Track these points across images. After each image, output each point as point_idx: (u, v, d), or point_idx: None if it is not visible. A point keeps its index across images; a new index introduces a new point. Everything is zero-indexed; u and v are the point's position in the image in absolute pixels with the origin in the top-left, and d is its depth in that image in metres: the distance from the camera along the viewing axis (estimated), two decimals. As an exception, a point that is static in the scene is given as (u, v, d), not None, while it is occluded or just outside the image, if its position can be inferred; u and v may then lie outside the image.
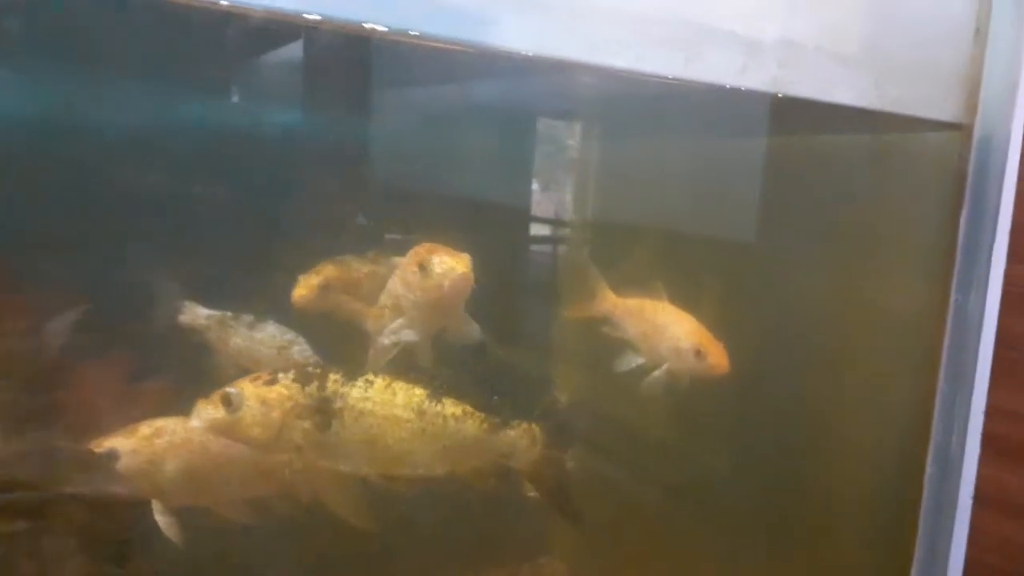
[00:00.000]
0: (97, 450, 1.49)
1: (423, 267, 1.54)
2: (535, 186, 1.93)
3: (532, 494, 1.69)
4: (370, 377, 1.38)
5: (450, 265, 1.50)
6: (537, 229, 1.94)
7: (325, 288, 1.91)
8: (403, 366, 1.47)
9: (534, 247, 1.95)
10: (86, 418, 1.49)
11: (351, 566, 2.16)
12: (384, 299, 1.68)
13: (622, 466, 1.79)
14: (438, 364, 1.53)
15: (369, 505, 1.59)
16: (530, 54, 1.19)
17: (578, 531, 1.58)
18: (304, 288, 1.90)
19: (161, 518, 1.54)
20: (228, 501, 1.59)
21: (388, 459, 1.38)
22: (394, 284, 1.66)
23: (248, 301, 1.78)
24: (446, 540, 2.27)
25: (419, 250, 1.57)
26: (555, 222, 1.99)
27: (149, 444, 1.49)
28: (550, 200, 1.95)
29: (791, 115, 1.53)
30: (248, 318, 1.79)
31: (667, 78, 1.32)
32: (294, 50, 1.84)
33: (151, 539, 1.56)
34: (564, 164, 1.98)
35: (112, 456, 1.46)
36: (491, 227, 1.76)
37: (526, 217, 1.89)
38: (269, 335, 1.78)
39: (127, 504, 1.55)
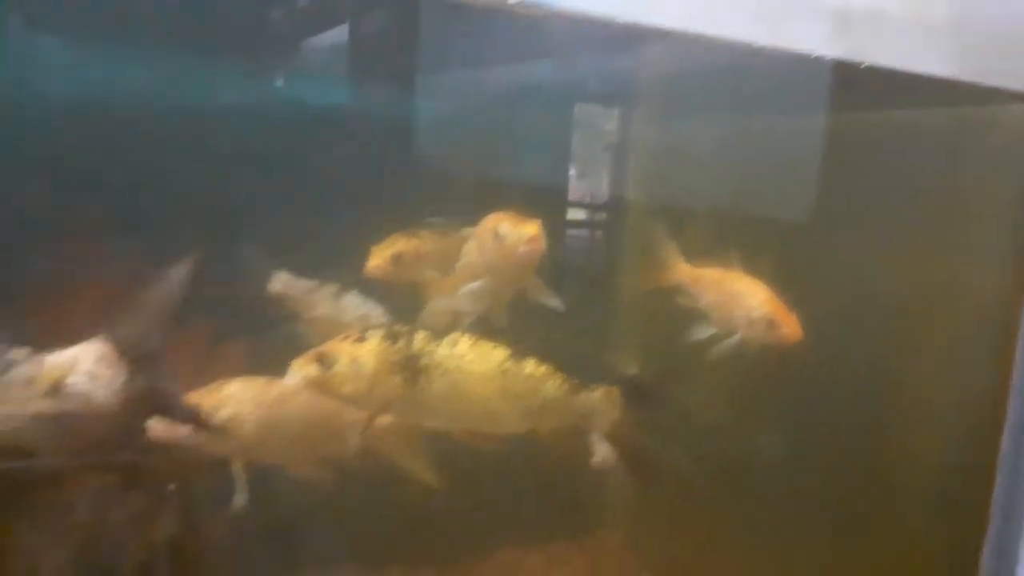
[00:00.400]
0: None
1: (497, 233, 1.61)
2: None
3: (600, 460, 1.73)
4: (456, 336, 1.43)
5: (523, 230, 1.57)
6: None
7: (397, 259, 1.99)
8: (480, 330, 1.52)
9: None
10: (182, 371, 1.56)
11: (417, 522, 2.23)
12: (460, 266, 1.74)
13: (693, 437, 1.80)
14: (516, 327, 1.58)
15: (439, 465, 1.65)
16: (625, 22, 1.21)
17: (649, 497, 1.60)
18: (377, 259, 1.98)
19: (238, 474, 1.62)
20: (303, 459, 1.66)
21: (471, 416, 1.43)
22: (470, 251, 1.72)
23: (333, 271, 1.86)
24: (510, 505, 2.33)
25: (493, 217, 1.64)
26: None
27: (233, 402, 1.56)
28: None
29: (874, 86, 1.53)
30: (333, 288, 1.88)
31: (752, 46, 1.34)
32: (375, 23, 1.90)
33: (228, 494, 1.63)
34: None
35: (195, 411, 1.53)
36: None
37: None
38: (352, 305, 1.86)
39: (208, 459, 1.63)
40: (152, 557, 1.73)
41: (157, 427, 1.50)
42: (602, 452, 1.71)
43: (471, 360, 1.42)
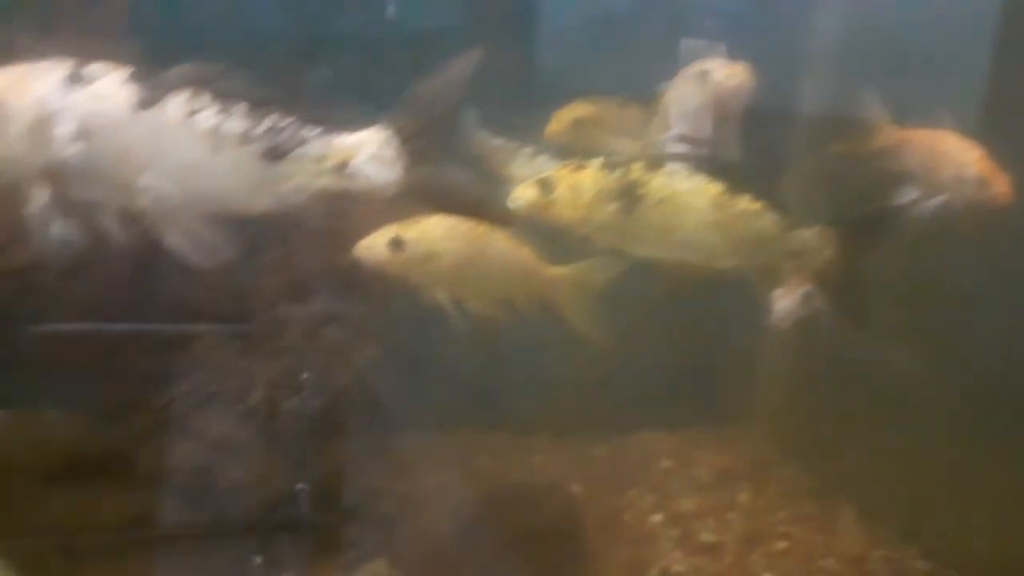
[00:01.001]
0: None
1: (702, 74, 1.63)
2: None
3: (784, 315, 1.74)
4: (673, 168, 1.47)
5: (729, 71, 1.59)
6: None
7: (577, 124, 2.05)
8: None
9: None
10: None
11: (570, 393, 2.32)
12: (659, 116, 1.77)
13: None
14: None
15: (607, 326, 1.71)
16: None
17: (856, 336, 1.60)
18: (557, 124, 2.04)
19: (447, 302, 1.70)
20: (484, 297, 1.73)
21: (683, 246, 1.47)
22: (669, 99, 1.75)
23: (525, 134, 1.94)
24: (659, 388, 2.40)
25: (699, 62, 1.66)
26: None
27: (428, 236, 1.63)
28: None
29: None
30: (528, 150, 1.95)
31: None
32: None
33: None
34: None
35: (398, 243, 1.62)
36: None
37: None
38: (545, 166, 1.93)
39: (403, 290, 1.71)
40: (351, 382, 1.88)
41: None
42: (787, 306, 1.73)
43: (686, 192, 1.46)
